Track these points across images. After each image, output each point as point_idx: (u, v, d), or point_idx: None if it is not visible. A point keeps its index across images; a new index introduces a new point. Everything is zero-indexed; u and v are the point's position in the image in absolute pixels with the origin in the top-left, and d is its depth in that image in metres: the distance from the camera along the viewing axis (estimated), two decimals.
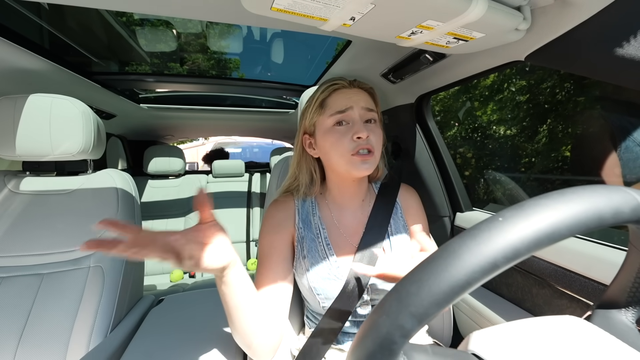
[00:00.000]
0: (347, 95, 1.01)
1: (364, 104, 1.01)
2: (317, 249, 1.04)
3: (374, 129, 1.01)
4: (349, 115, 0.99)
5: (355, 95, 1.02)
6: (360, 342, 0.38)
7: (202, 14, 0.99)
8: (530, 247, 0.34)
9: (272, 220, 1.10)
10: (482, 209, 1.68)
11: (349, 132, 0.98)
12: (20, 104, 1.32)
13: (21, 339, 1.19)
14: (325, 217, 1.12)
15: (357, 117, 0.99)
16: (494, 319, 1.26)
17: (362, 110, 1.00)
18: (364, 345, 0.37)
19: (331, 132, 1.00)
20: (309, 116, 1.07)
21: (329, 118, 1.01)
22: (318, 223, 1.09)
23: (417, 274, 0.37)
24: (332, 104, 1.01)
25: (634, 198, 0.39)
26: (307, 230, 1.08)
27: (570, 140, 2.60)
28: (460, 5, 0.68)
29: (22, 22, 1.53)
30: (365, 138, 0.97)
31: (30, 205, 1.40)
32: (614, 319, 0.54)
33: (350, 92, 1.02)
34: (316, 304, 1.04)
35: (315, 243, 1.05)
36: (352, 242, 1.08)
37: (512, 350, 0.46)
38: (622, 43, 0.68)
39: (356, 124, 0.98)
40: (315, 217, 1.11)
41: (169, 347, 1.14)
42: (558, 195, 0.37)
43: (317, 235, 1.07)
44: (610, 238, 1.04)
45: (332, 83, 1.04)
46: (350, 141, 0.97)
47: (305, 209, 1.13)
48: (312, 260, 1.03)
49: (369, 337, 0.37)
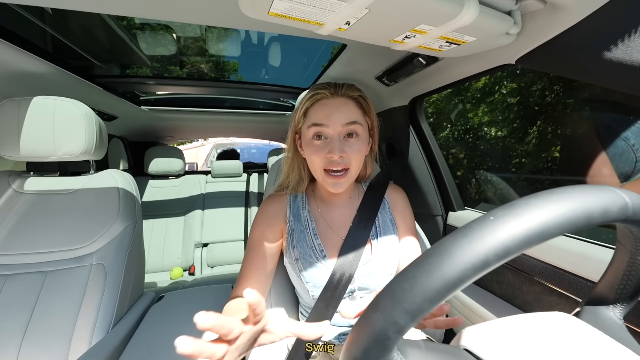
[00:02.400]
0: (328, 109, 0.98)
1: (345, 118, 0.97)
2: (305, 239, 1.06)
3: (354, 143, 0.98)
4: (325, 131, 0.97)
5: (337, 109, 0.97)
6: (355, 338, 0.38)
7: (201, 19, 0.99)
8: (521, 245, 0.34)
9: (266, 213, 1.11)
10: (474, 208, 1.68)
11: (325, 147, 0.96)
12: (25, 106, 1.32)
13: (25, 334, 1.18)
14: (313, 211, 1.14)
15: (334, 135, 0.97)
16: (486, 315, 1.26)
17: (340, 127, 0.97)
18: (359, 341, 0.37)
19: (310, 144, 1.00)
20: (295, 121, 1.06)
21: (309, 129, 0.99)
22: (307, 216, 1.11)
23: (411, 271, 0.37)
24: (312, 115, 1.00)
25: (621, 197, 0.39)
26: (297, 223, 1.09)
27: (560, 141, 2.61)
28: (453, 10, 0.68)
29: (26, 27, 1.53)
30: (337, 158, 0.94)
31: (34, 205, 1.40)
32: (602, 315, 0.55)
33: (332, 104, 0.98)
34: (306, 293, 1.05)
35: (304, 234, 1.07)
36: (339, 234, 1.09)
37: (503, 345, 0.46)
38: (609, 47, 0.68)
39: (332, 142, 0.96)
40: (305, 211, 1.12)
41: (169, 342, 1.14)
42: (548, 195, 0.37)
43: (305, 226, 1.09)
44: (598, 236, 1.04)
45: (315, 92, 1.01)
46: (324, 157, 0.96)
47: (296, 203, 1.14)
48: (300, 249, 1.05)
49: (364, 333, 0.37)
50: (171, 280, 2.83)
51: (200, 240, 3.21)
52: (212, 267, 3.26)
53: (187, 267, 3.09)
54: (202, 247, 3.27)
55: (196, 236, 3.19)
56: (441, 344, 0.50)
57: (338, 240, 1.08)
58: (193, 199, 3.33)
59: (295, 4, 0.68)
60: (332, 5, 0.68)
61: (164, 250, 3.02)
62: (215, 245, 3.27)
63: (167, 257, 3.01)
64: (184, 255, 3.06)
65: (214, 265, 3.25)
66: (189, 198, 3.33)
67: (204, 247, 3.27)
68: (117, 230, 1.40)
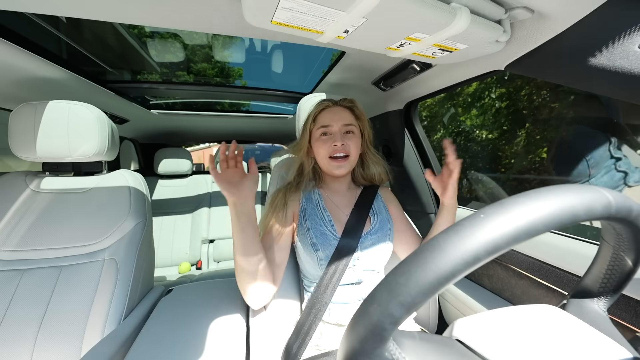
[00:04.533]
0: (332, 114, 1.24)
1: (344, 121, 1.23)
2: (316, 213, 1.21)
3: (351, 137, 1.23)
4: (330, 129, 1.22)
5: (337, 114, 1.24)
6: (353, 328, 0.38)
7: (208, 27, 0.99)
8: (510, 242, 0.35)
9: (281, 198, 1.24)
10: (465, 206, 1.68)
11: (330, 140, 1.21)
12: (40, 110, 1.32)
13: (41, 326, 1.18)
14: (323, 195, 1.30)
15: (337, 131, 1.22)
16: (477, 308, 1.26)
17: (341, 126, 1.22)
18: (357, 332, 0.37)
19: (319, 140, 1.23)
20: (308, 126, 1.27)
21: (318, 130, 1.24)
22: (317, 198, 1.27)
23: (406, 266, 0.37)
24: (320, 120, 1.25)
25: (604, 196, 0.39)
26: (309, 203, 1.25)
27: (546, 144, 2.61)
28: (445, 19, 0.68)
29: (42, 35, 1.53)
30: (340, 145, 1.19)
31: (50, 203, 1.40)
32: (587, 308, 0.55)
33: (334, 111, 1.25)
34: (314, 265, 1.15)
35: (315, 210, 1.23)
36: (344, 212, 1.26)
37: (492, 336, 0.46)
38: (594, 53, 0.68)
39: (335, 135, 1.21)
40: (315, 194, 1.29)
41: (177, 334, 1.14)
42: (535, 194, 0.37)
43: (316, 205, 1.25)
44: (583, 233, 1.04)
45: (321, 103, 1.28)
46: (329, 147, 1.20)
47: (307, 190, 1.31)
48: (312, 221, 1.19)
49: (361, 324, 0.37)
50: (179, 275, 2.83)
51: (207, 236, 3.20)
52: (218, 262, 3.25)
53: (195, 262, 3.08)
54: (209, 243, 3.26)
55: (203, 232, 3.18)
56: (434, 335, 0.50)
57: (343, 216, 1.24)
58: (200, 198, 3.33)
59: (296, 13, 0.68)
60: (331, 14, 0.68)
61: (173, 246, 3.02)
62: (221, 241, 3.26)
63: (175, 252, 3.01)
64: (191, 251, 3.05)
65: (220, 260, 3.24)
66: (196, 196, 3.32)
67: (211, 243, 3.27)
68: (128, 227, 1.40)
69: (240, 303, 1.34)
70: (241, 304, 1.34)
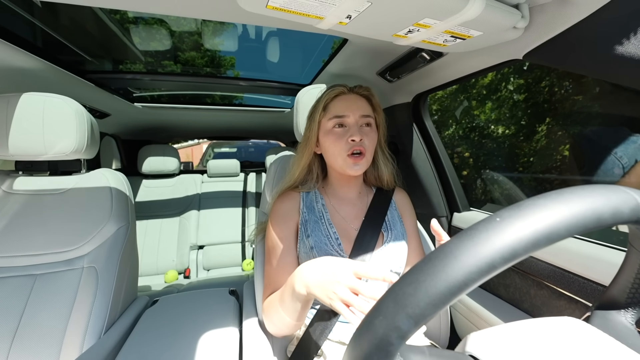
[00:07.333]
0: (347, 102, 1.13)
1: (361, 111, 1.12)
2: (320, 228, 1.13)
3: (369, 132, 1.13)
4: (346, 121, 1.12)
5: (354, 102, 1.13)
6: (356, 343, 0.38)
7: (197, 12, 0.99)
8: (528, 248, 0.34)
9: (279, 211, 1.19)
10: (480, 209, 1.68)
11: (346, 134, 1.10)
12: (13, 103, 1.31)
13: (14, 340, 1.18)
14: (327, 204, 1.21)
15: (354, 122, 1.11)
16: (492, 320, 1.26)
17: (358, 117, 1.11)
18: (360, 347, 0.37)
19: (330, 133, 1.12)
20: (317, 117, 1.16)
21: (330, 121, 1.12)
22: (321, 208, 1.19)
23: (414, 274, 0.36)
24: (332, 109, 1.13)
25: (633, 198, 0.39)
26: (311, 214, 1.17)
27: (569, 140, 2.61)
28: (458, 3, 0.68)
29: (14, 20, 1.53)
30: (358, 141, 1.08)
31: (24, 206, 1.39)
32: (613, 320, 0.54)
33: (350, 99, 1.14)
34: None
35: (319, 224, 1.14)
36: (352, 226, 1.18)
37: (510, 352, 0.46)
38: (621, 41, 0.68)
39: (352, 128, 1.10)
40: (319, 204, 1.20)
41: (163, 348, 1.14)
42: (556, 195, 0.37)
43: (320, 217, 1.16)
44: (609, 238, 1.04)
45: (334, 88, 1.16)
46: (345, 143, 1.09)
47: (309, 198, 1.22)
48: (315, 238, 1.11)
49: (365, 338, 0.37)
50: (166, 284, 2.82)
51: (195, 242, 3.20)
52: (208, 270, 3.25)
53: (182, 270, 3.08)
54: (198, 249, 3.25)
55: (192, 238, 3.18)
56: (446, 350, 0.50)
57: (352, 231, 1.16)
58: (188, 199, 3.32)
59: None
60: None
61: (159, 253, 3.01)
62: (212, 248, 3.26)
63: (161, 259, 3.01)
64: (178, 258, 3.05)
65: (210, 268, 3.24)
66: (184, 198, 3.32)
67: (200, 249, 3.26)
68: (109, 232, 1.40)
69: (233, 315, 1.34)
70: (233, 316, 1.33)
